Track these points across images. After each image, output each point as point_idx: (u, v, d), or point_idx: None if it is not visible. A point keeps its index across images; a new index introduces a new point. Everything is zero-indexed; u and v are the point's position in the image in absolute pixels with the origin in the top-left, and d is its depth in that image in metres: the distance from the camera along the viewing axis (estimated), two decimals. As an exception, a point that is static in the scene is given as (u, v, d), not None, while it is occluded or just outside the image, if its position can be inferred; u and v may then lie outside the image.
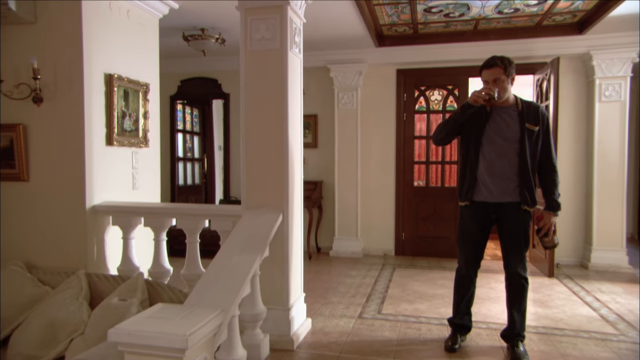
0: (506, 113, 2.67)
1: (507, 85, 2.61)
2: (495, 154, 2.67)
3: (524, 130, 2.62)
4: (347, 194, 5.92)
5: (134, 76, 3.51)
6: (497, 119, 2.68)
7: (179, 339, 1.56)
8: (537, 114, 2.65)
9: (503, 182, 2.67)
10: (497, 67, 2.60)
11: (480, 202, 2.74)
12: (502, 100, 2.63)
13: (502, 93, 2.60)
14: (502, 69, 2.59)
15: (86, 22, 3.04)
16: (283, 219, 2.81)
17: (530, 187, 2.64)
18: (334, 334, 3.09)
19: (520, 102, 2.69)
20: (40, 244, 3.15)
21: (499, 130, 2.67)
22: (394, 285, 4.38)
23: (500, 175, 2.67)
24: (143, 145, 3.63)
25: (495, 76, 2.59)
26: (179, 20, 4.53)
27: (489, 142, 2.68)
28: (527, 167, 2.62)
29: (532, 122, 2.63)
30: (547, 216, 2.70)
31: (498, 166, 2.67)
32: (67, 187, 3.09)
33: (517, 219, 2.70)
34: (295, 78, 2.95)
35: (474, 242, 2.82)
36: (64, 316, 2.54)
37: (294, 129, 2.92)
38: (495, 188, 2.69)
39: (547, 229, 2.71)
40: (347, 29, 4.83)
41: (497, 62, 2.60)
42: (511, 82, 2.64)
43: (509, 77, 2.62)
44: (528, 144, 2.61)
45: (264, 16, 2.78)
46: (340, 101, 5.89)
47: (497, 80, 2.58)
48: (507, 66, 2.61)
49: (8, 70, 3.06)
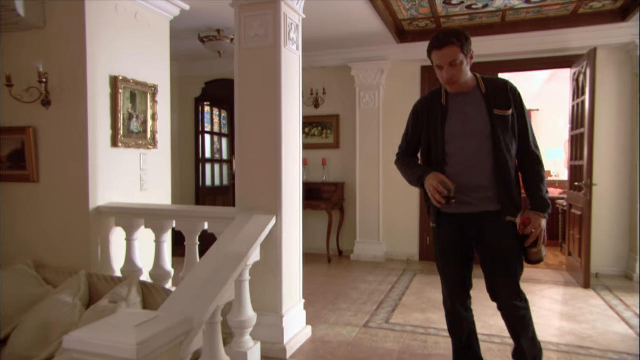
0: (468, 100, 2.06)
1: (466, 67, 2.00)
2: (462, 157, 2.07)
3: (494, 120, 2.01)
4: (369, 196, 5.74)
5: (142, 78, 3.52)
6: (457, 111, 2.08)
7: (128, 348, 1.48)
8: (505, 93, 2.03)
9: (476, 191, 2.07)
10: (452, 45, 1.94)
11: (450, 214, 2.12)
12: (461, 83, 2.02)
13: (459, 76, 1.99)
14: (458, 47, 1.95)
15: (90, 25, 3.07)
16: (277, 222, 2.70)
17: (511, 191, 2.06)
18: (333, 343, 2.94)
19: (483, 82, 2.07)
20: (48, 243, 3.21)
21: (461, 126, 2.07)
22: (410, 293, 4.17)
23: (472, 183, 2.06)
24: (151, 147, 3.64)
25: (451, 58, 1.95)
26: (194, 22, 4.55)
27: (452, 144, 2.07)
28: (506, 168, 2.03)
29: (502, 105, 2.02)
30: (535, 219, 2.03)
31: (466, 172, 2.06)
32: (73, 188, 3.13)
33: (500, 233, 2.07)
34: (291, 76, 2.84)
35: (453, 266, 2.18)
36: (57, 317, 2.56)
37: (290, 128, 2.81)
38: (466, 198, 2.07)
39: (536, 237, 2.03)
40: (363, 26, 4.67)
41: (451, 40, 1.95)
42: (470, 60, 2.02)
43: (468, 56, 2.00)
44: (503, 137, 2.01)
45: (257, 12, 2.69)
46: (361, 100, 5.72)
47: (454, 62, 1.95)
48: (464, 43, 1.97)
49: (18, 75, 3.14)
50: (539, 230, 2.03)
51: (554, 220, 6.46)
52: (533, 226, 2.03)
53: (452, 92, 2.08)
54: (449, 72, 1.97)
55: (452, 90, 2.06)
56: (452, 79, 1.99)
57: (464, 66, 1.98)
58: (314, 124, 6.18)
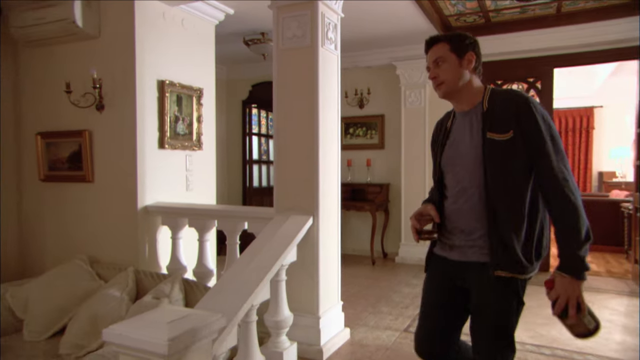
0: (467, 121, 1.68)
1: (455, 67, 1.64)
2: (454, 190, 1.69)
3: (485, 145, 1.58)
4: (415, 197, 5.60)
5: (187, 81, 3.64)
6: (456, 134, 1.72)
7: (160, 343, 1.53)
8: (507, 111, 1.56)
9: (464, 234, 1.67)
10: (440, 42, 1.67)
11: (440, 256, 1.77)
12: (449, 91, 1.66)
13: (443, 78, 1.65)
14: (446, 45, 1.65)
15: (139, 32, 3.22)
16: (314, 222, 2.69)
17: (508, 236, 1.55)
18: (371, 347, 2.89)
19: (489, 96, 1.64)
20: (102, 240, 3.40)
21: (454, 153, 1.70)
22: (456, 298, 4.02)
23: (461, 223, 1.67)
24: (197, 148, 3.76)
25: (436, 55, 1.67)
26: (239, 26, 4.65)
27: (447, 174, 1.73)
28: (502, 206, 1.57)
29: (500, 126, 1.56)
30: (560, 282, 1.50)
31: (455, 207, 1.68)
32: (123, 188, 3.29)
33: (485, 293, 1.60)
34: (329, 75, 2.82)
35: (430, 314, 1.78)
36: (106, 310, 2.69)
37: (327, 129, 2.80)
38: (455, 239, 1.69)
39: (562, 306, 1.49)
40: (408, 23, 4.57)
41: (439, 38, 1.69)
42: (468, 65, 1.64)
43: (462, 59, 1.64)
44: (497, 167, 1.56)
45: (295, 13, 2.70)
46: (407, 100, 5.61)
47: (437, 60, 1.66)
48: (456, 42, 1.66)
49: (76, 82, 3.35)
50: (565, 299, 1.48)
51: (619, 224, 6.00)
52: (556, 292, 1.51)
53: (457, 111, 1.73)
54: (433, 72, 1.68)
55: (441, 97, 1.72)
56: (436, 80, 1.68)
57: (452, 67, 1.64)
58: (358, 125, 6.13)
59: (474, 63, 1.67)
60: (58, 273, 3.12)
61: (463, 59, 1.65)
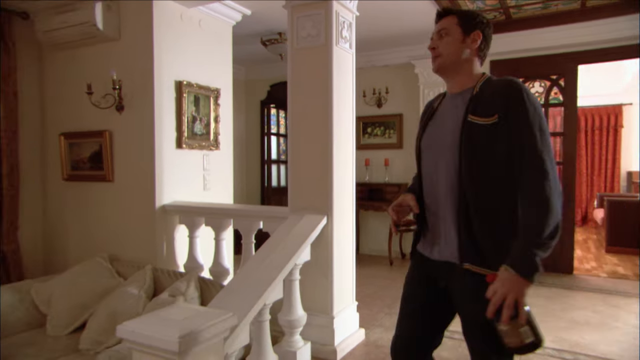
0: (454, 103, 1.56)
1: (457, 43, 1.53)
2: (430, 178, 1.58)
3: (465, 128, 1.46)
4: (433, 198, 5.53)
5: (205, 82, 3.68)
6: (439, 116, 1.62)
7: (171, 341, 1.54)
8: (496, 95, 1.44)
9: (438, 222, 1.56)
10: (450, 15, 1.58)
11: (421, 254, 1.65)
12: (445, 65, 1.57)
13: (441, 50, 1.56)
14: (455, 18, 1.56)
15: (157, 34, 3.27)
16: (328, 222, 2.69)
17: (479, 228, 1.43)
18: (385, 348, 2.86)
19: (483, 82, 1.52)
20: (122, 238, 3.47)
21: (433, 135, 1.60)
22: (475, 300, 3.94)
23: (435, 209, 1.57)
24: (214, 148, 3.80)
25: (441, 26, 1.58)
26: (256, 26, 4.67)
27: (424, 159, 1.62)
28: (474, 195, 1.44)
29: (484, 109, 1.44)
30: (502, 277, 1.33)
31: (432, 193, 1.58)
32: (142, 187, 3.35)
33: (463, 295, 1.51)
34: (343, 74, 2.81)
35: (408, 323, 1.70)
36: (124, 307, 2.75)
37: (341, 128, 2.78)
38: (429, 233, 1.60)
39: (497, 305, 1.31)
40: (426, 21, 4.50)
41: (450, 11, 1.60)
42: (471, 44, 1.53)
43: (467, 34, 1.54)
44: (474, 152, 1.44)
45: (310, 12, 2.70)
46: (425, 98, 5.53)
47: (441, 32, 1.57)
48: (466, 17, 1.56)
49: (97, 83, 3.43)
50: (501, 296, 1.30)
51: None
52: (494, 288, 1.32)
53: (448, 92, 1.63)
54: (434, 42, 1.59)
55: (435, 70, 1.62)
56: (434, 52, 1.58)
57: (454, 42, 1.53)
58: (376, 124, 6.09)
59: (479, 44, 1.55)
60: (80, 270, 3.19)
61: (468, 36, 1.54)
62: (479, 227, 1.44)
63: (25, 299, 3.11)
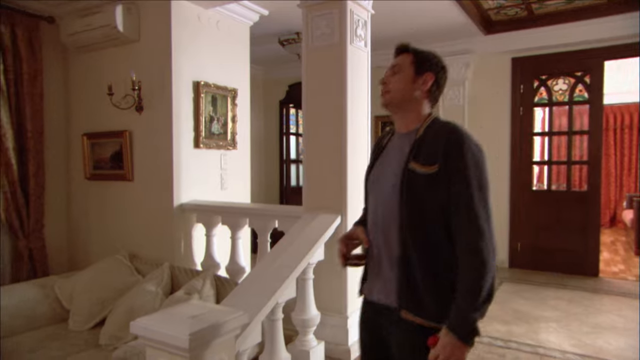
0: (400, 144, 1.52)
1: (408, 81, 1.50)
2: (373, 217, 1.55)
3: (405, 175, 1.43)
4: (453, 198, 5.45)
5: (222, 82, 3.72)
6: (386, 155, 1.58)
7: (181, 338, 1.56)
8: (438, 144, 1.40)
9: (380, 262, 1.52)
10: (406, 52, 1.56)
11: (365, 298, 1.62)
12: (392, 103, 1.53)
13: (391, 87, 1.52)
14: (410, 56, 1.54)
15: (175, 35, 3.32)
16: (342, 222, 2.68)
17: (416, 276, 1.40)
18: (400, 349, 2.83)
19: (429, 124, 1.49)
20: (140, 237, 3.54)
21: (382, 168, 1.56)
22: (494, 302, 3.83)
23: (377, 248, 1.52)
24: (231, 148, 3.83)
25: (396, 62, 1.56)
26: (274, 27, 4.70)
27: (371, 188, 1.59)
28: (411, 243, 1.41)
29: (426, 157, 1.41)
30: (443, 341, 1.31)
31: (374, 231, 1.54)
32: (160, 186, 3.41)
33: (399, 344, 1.47)
34: (358, 73, 2.79)
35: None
36: (141, 304, 2.80)
37: (356, 127, 2.77)
38: (372, 272, 1.57)
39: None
40: (445, 19, 4.45)
41: (407, 48, 1.58)
42: (422, 85, 1.50)
43: (419, 75, 1.51)
44: (414, 198, 1.41)
45: (324, 12, 2.69)
46: (445, 97, 5.45)
47: (396, 68, 1.54)
48: (421, 57, 1.54)
49: (118, 84, 3.50)
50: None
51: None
52: (436, 352, 1.31)
53: (397, 130, 1.58)
54: (385, 76, 1.57)
55: (383, 105, 1.57)
56: (384, 87, 1.56)
57: (404, 80, 1.51)
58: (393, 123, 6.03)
59: (430, 86, 1.51)
60: (100, 267, 3.27)
61: (420, 76, 1.51)
62: (418, 275, 1.41)
63: (50, 294, 3.21)
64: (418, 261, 1.41)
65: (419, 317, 1.40)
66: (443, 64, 1.58)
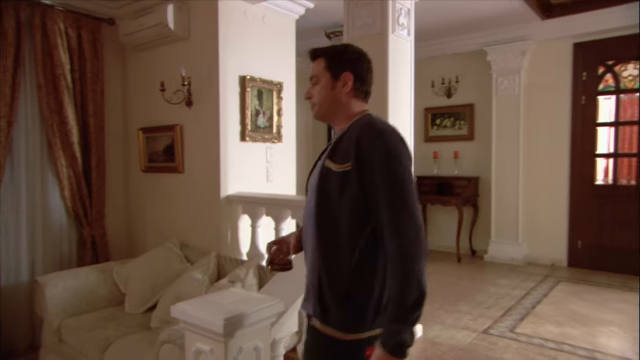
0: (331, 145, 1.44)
1: (327, 89, 1.42)
2: (304, 213, 1.50)
3: (322, 173, 1.36)
4: (507, 192, 5.21)
5: (268, 76, 3.78)
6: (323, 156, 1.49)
7: (216, 323, 1.62)
8: (352, 141, 1.30)
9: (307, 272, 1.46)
10: (318, 59, 1.44)
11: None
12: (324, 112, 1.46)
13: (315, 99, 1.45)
14: (323, 62, 1.43)
15: (222, 31, 3.41)
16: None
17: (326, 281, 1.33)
18: (443, 346, 2.76)
19: (353, 123, 1.39)
20: (191, 227, 3.69)
21: (313, 173, 1.49)
22: (549, 302, 3.66)
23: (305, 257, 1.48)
24: (277, 141, 3.89)
25: (312, 73, 1.46)
26: (320, 20, 4.71)
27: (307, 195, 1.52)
28: (326, 244, 1.34)
29: (341, 156, 1.32)
30: (374, 355, 1.22)
31: (304, 237, 1.50)
32: (208, 178, 3.53)
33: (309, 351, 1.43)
34: (400, 63, 2.73)
35: None
36: (189, 291, 2.92)
37: (398, 118, 2.71)
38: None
39: None
40: (498, 4, 4.24)
41: (317, 53, 1.46)
42: (343, 87, 1.40)
43: (336, 79, 1.40)
44: (330, 200, 1.32)
45: (365, 1, 2.65)
46: (499, 87, 5.21)
47: (314, 79, 1.45)
48: (333, 58, 1.43)
49: (169, 81, 3.66)
50: None
51: None
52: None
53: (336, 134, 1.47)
54: (309, 89, 1.48)
55: (316, 119, 1.51)
56: (311, 101, 1.47)
57: (324, 89, 1.41)
58: (446, 115, 5.86)
59: (352, 84, 1.40)
60: (153, 255, 3.45)
61: (338, 79, 1.40)
62: (325, 282, 1.33)
63: (109, 279, 3.43)
64: (328, 267, 1.32)
65: (327, 327, 1.32)
66: (359, 54, 1.45)
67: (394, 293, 1.21)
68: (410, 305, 1.19)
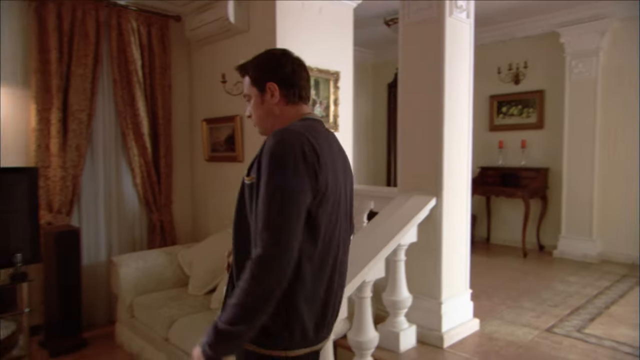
0: None
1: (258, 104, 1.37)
2: None
3: (242, 185, 1.33)
4: (579, 184, 4.85)
5: (324, 66, 3.79)
6: None
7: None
8: (259, 152, 1.25)
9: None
10: (245, 76, 1.42)
11: None
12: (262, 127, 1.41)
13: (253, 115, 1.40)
14: (248, 78, 1.39)
15: (279, 23, 3.47)
16: (437, 203, 2.57)
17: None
18: (501, 341, 2.64)
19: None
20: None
21: None
22: (624, 302, 3.37)
23: None
24: (333, 130, 3.89)
25: (244, 91, 1.43)
26: (379, 7, 4.63)
27: None
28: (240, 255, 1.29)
29: (251, 167, 1.29)
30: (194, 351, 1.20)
31: None
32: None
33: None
34: (458, 47, 2.61)
35: None
36: (246, 274, 3.04)
37: (454, 105, 2.61)
38: None
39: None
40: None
41: (241, 70, 1.43)
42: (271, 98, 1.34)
43: (264, 92, 1.35)
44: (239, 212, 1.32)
45: (421, -15, 2.56)
46: (572, 71, 4.84)
47: (246, 97, 1.42)
48: (254, 72, 1.37)
49: (230, 73, 3.78)
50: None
51: None
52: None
53: None
54: (248, 108, 1.43)
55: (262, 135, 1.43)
56: (251, 118, 1.43)
57: (256, 104, 1.37)
58: (512, 102, 5.55)
59: (279, 92, 1.34)
60: (213, 240, 3.63)
61: (265, 92, 1.35)
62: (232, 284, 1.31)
63: (174, 261, 3.66)
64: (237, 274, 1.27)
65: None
66: (278, 59, 1.38)
67: (232, 299, 1.15)
68: (240, 315, 1.13)
